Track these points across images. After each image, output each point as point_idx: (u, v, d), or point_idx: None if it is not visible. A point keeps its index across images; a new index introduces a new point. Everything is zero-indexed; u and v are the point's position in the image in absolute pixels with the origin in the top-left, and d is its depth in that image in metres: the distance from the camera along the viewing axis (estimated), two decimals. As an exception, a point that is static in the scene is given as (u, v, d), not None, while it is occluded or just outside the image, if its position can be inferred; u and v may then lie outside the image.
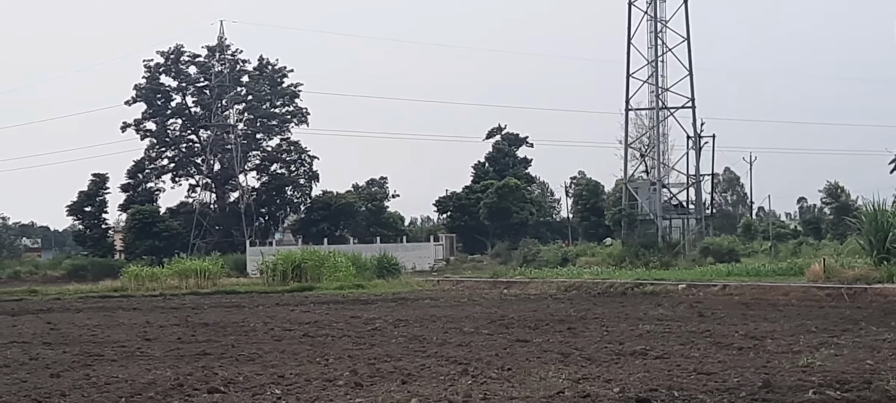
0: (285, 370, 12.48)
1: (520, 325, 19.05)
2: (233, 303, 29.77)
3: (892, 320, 18.23)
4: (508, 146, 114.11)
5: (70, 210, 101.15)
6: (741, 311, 21.52)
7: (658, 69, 73.09)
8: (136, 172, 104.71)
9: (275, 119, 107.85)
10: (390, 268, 47.27)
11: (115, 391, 10.94)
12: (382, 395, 10.12)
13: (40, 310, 28.08)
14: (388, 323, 20.33)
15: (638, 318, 19.92)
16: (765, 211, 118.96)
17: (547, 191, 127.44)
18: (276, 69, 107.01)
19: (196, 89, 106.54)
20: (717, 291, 28.26)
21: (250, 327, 20.10)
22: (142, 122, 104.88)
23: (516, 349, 14.55)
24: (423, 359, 13.38)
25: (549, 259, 65.46)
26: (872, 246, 30.39)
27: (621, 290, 30.47)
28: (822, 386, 10.04)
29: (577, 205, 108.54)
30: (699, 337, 15.60)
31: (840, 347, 13.78)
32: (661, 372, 11.40)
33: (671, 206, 75.63)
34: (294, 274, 41.95)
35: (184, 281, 41.64)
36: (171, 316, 24.00)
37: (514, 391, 10.22)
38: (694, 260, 53.72)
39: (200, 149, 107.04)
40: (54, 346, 16.59)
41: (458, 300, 29.33)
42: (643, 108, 75.85)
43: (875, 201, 31.95)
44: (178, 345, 16.31)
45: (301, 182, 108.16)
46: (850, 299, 24.00)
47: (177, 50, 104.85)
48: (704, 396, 9.53)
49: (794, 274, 31.78)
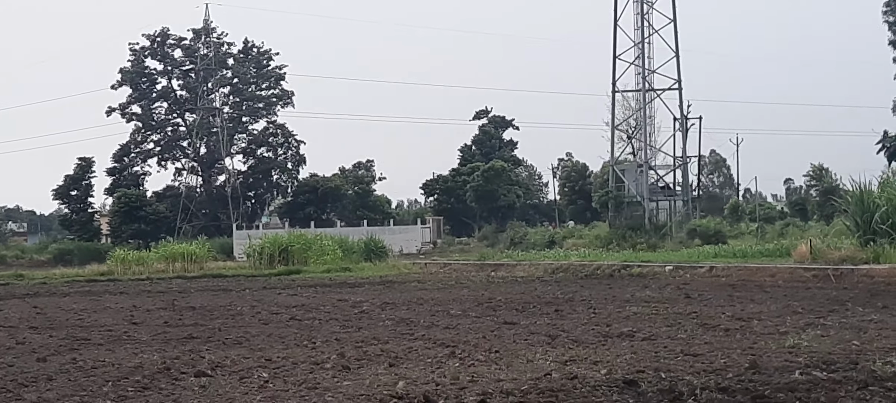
0: (272, 353, 12.46)
1: (507, 308, 19.06)
2: (220, 287, 29.71)
3: (879, 301, 18.29)
4: (495, 128, 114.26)
5: (56, 194, 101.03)
6: (728, 293, 21.57)
7: (644, 51, 73.33)
8: (122, 156, 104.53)
9: (261, 102, 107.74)
10: (377, 251, 47.26)
11: (101, 375, 10.91)
12: (370, 378, 10.12)
13: (26, 295, 27.98)
14: (376, 306, 20.32)
15: (625, 300, 19.94)
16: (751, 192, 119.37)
17: (534, 174, 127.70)
18: (261, 51, 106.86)
19: (181, 72, 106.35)
20: (704, 273, 28.30)
21: (237, 310, 20.07)
22: (127, 106, 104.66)
23: (503, 331, 14.55)
24: (410, 342, 13.38)
25: (536, 241, 65.64)
26: (858, 227, 30.49)
27: (608, 272, 30.49)
28: (809, 367, 10.07)
29: (565, 188, 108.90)
30: (686, 319, 15.63)
31: (826, 328, 13.82)
32: (648, 354, 11.42)
33: (658, 188, 75.91)
34: (281, 257, 41.93)
35: (170, 265, 41.61)
36: (157, 300, 23.94)
37: (501, 373, 10.23)
38: (681, 242, 53.95)
39: (186, 132, 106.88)
40: (41, 330, 16.53)
41: (445, 283, 29.32)
42: (630, 90, 76.13)
43: (861, 182, 32.06)
44: (164, 329, 16.28)
45: (288, 165, 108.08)
46: (837, 280, 24.07)
47: (162, 33, 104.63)
48: (691, 377, 9.55)
49: (780, 256, 31.85)
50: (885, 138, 65.16)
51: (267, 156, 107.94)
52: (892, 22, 65.26)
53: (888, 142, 64.42)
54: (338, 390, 9.52)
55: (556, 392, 9.00)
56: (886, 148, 64.31)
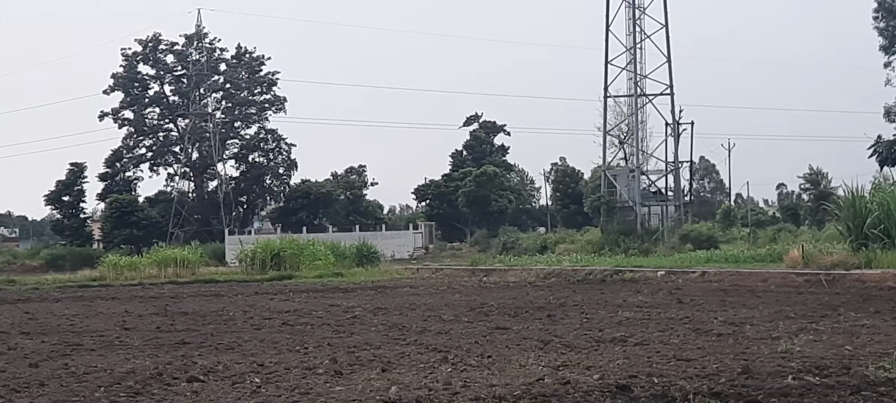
0: (265, 358, 12.45)
1: (499, 313, 19.06)
2: (212, 292, 29.67)
3: (871, 305, 18.31)
4: (486, 134, 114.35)
5: (48, 199, 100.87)
6: (720, 298, 21.57)
7: (636, 56, 73.32)
8: (114, 161, 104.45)
9: (253, 107, 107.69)
10: (369, 257, 47.22)
11: (94, 380, 10.89)
12: (362, 383, 10.11)
13: (18, 300, 27.91)
14: (368, 311, 20.30)
15: (617, 305, 19.94)
16: (743, 197, 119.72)
17: (526, 179, 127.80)
18: (253, 57, 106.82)
19: (174, 78, 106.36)
20: (696, 278, 28.33)
21: (229, 316, 20.04)
22: (119, 111, 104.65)
23: (496, 336, 14.55)
24: (402, 347, 13.38)
25: (528, 246, 65.63)
26: (850, 232, 30.56)
27: (600, 277, 30.51)
28: (802, 372, 10.08)
29: (557, 193, 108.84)
30: (678, 324, 15.64)
31: (819, 333, 13.83)
32: (640, 359, 11.42)
33: (650, 193, 75.97)
34: (273, 262, 41.88)
35: (162, 271, 41.48)
36: (149, 306, 23.90)
37: (494, 378, 10.22)
38: (673, 247, 53.93)
39: (178, 137, 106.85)
40: (33, 336, 16.49)
41: (437, 288, 29.32)
42: (622, 96, 76.14)
43: (853, 187, 32.12)
44: (157, 334, 16.25)
45: (280, 170, 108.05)
46: (829, 285, 24.11)
47: (154, 38, 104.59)
48: (684, 382, 9.55)
49: (772, 261, 31.90)
50: (877, 143, 65.17)
51: (259, 162, 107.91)
52: (883, 27, 65.29)
53: (880, 146, 64.43)
54: (330, 395, 9.51)
55: (549, 398, 9.00)
56: (878, 153, 64.31)
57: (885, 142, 64.44)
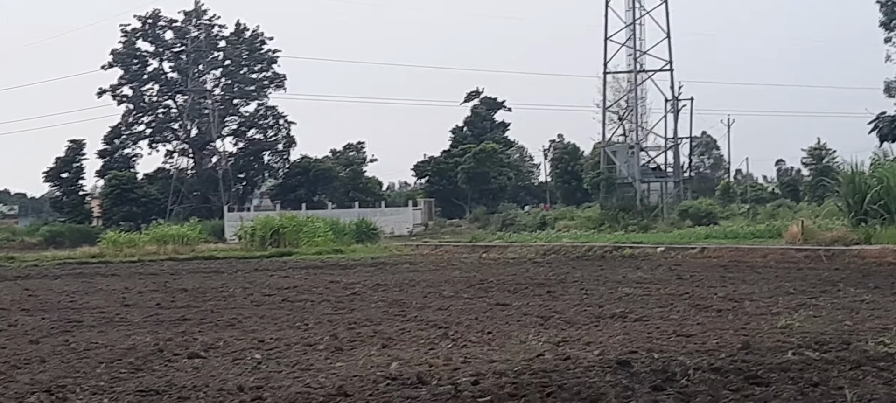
0: (265, 335, 12.44)
1: (499, 289, 19.05)
2: (211, 269, 29.67)
3: (870, 281, 18.32)
4: (486, 110, 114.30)
5: (47, 176, 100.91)
6: (720, 274, 21.58)
7: (636, 32, 73.27)
8: (113, 138, 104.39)
9: (252, 84, 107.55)
10: (369, 233, 47.28)
11: (94, 356, 10.88)
12: (363, 359, 10.11)
13: (18, 277, 27.90)
14: (368, 287, 20.30)
15: (617, 281, 19.94)
16: (742, 173, 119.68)
17: (525, 155, 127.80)
18: (253, 34, 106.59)
19: (173, 54, 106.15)
20: (696, 254, 28.34)
21: (229, 292, 20.03)
22: (118, 88, 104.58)
23: (496, 312, 14.54)
24: (402, 323, 13.37)
25: (527, 223, 65.69)
26: (850, 208, 30.57)
27: (600, 254, 30.51)
28: (801, 347, 10.07)
29: (556, 169, 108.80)
30: (678, 300, 15.63)
31: (818, 308, 13.83)
32: (640, 335, 11.42)
33: (649, 169, 76.02)
34: (272, 239, 41.89)
35: (162, 248, 41.51)
36: (149, 282, 23.89)
37: (494, 354, 10.22)
38: (672, 223, 53.99)
39: (177, 114, 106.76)
40: (33, 313, 16.48)
41: (437, 264, 29.32)
42: (621, 72, 76.11)
43: (853, 162, 32.13)
44: (157, 311, 16.24)
45: (279, 147, 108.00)
46: (828, 260, 24.12)
47: (154, 15, 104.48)
48: (684, 357, 9.55)
49: (772, 237, 31.91)
50: (877, 118, 65.06)
51: (258, 138, 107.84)
52: (884, 2, 65.16)
53: (881, 122, 64.30)
54: (331, 371, 9.51)
55: (549, 373, 8.99)
56: (878, 128, 64.20)
57: (887, 118, 64.37)
